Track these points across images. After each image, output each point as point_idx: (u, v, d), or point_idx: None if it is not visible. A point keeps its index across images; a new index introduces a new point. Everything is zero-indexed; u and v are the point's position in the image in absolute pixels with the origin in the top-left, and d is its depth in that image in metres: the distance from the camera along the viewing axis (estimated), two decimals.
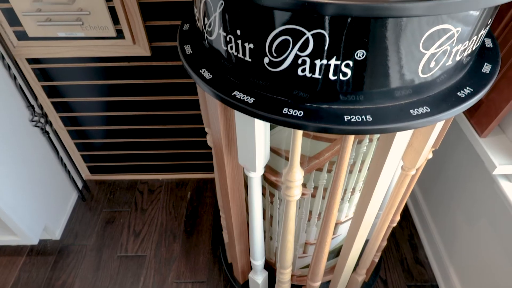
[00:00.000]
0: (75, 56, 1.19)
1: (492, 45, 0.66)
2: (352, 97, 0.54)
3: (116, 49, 1.18)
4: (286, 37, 0.48)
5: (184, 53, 0.67)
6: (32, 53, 1.18)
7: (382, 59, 0.49)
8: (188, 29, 0.74)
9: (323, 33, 0.46)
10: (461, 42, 0.50)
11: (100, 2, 1.05)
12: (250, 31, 0.51)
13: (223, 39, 0.56)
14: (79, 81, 1.30)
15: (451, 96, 0.56)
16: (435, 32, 0.46)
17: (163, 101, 1.38)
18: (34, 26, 1.10)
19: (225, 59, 0.59)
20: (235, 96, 0.57)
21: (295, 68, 0.52)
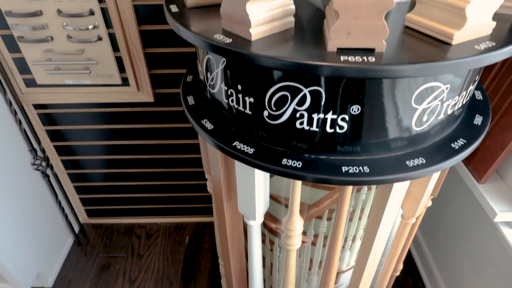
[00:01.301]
0: (80, 102, 1.23)
1: (482, 97, 0.69)
2: (349, 148, 0.56)
3: (120, 96, 1.22)
4: (285, 93, 0.51)
5: (187, 104, 0.69)
6: (39, 99, 1.22)
7: (377, 114, 0.51)
8: (191, 81, 0.77)
9: (319, 90, 0.49)
10: (451, 97, 0.53)
11: (108, 52, 1.10)
12: (250, 87, 0.54)
13: (224, 92, 0.59)
14: (82, 125, 1.33)
15: (445, 148, 0.57)
16: (426, 89, 0.49)
17: (163, 145, 1.40)
18: (43, 74, 1.15)
19: (226, 110, 0.62)
20: (235, 146, 0.59)
21: (293, 121, 0.54)
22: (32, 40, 1.06)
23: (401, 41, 0.47)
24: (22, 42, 1.06)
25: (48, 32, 1.05)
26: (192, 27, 0.52)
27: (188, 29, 0.51)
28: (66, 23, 1.03)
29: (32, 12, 1.00)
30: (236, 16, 0.48)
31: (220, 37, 0.49)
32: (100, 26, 1.05)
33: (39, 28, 1.03)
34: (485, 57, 0.43)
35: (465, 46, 0.44)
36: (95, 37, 1.06)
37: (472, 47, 0.44)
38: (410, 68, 0.41)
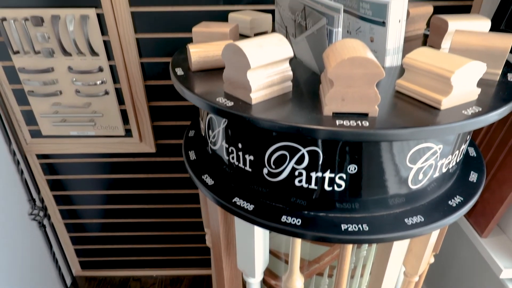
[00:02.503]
0: (84, 152, 1.25)
1: (476, 154, 0.71)
2: (348, 205, 0.56)
3: (123, 146, 1.24)
4: (284, 152, 0.53)
5: (189, 159, 0.71)
6: (43, 149, 1.24)
7: (373, 173, 0.52)
8: (193, 136, 0.80)
9: (317, 150, 0.50)
10: (444, 156, 0.55)
11: (113, 105, 1.14)
12: (251, 145, 0.56)
13: (225, 149, 0.61)
14: (84, 175, 1.34)
15: (442, 205, 0.58)
16: (419, 150, 0.51)
17: (162, 194, 1.40)
18: (49, 126, 1.18)
19: (227, 166, 0.63)
20: (235, 202, 0.60)
21: (292, 179, 0.55)
22: (42, 94, 1.10)
23: (393, 105, 0.50)
24: (32, 96, 1.11)
25: (58, 87, 1.10)
26: (196, 90, 0.55)
27: (193, 92, 0.54)
28: (75, 79, 1.08)
29: (44, 69, 1.06)
30: (237, 81, 0.51)
31: (222, 100, 0.52)
32: (108, 82, 1.10)
33: (50, 83, 1.09)
34: (473, 122, 0.45)
35: (453, 111, 0.47)
36: (102, 92, 1.11)
37: (460, 112, 0.47)
38: (402, 132, 0.43)
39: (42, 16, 0.98)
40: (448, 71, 0.45)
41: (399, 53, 0.63)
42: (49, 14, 0.98)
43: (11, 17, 0.98)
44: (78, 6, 0.98)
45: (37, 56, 1.04)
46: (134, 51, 1.06)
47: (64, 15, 0.98)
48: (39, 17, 0.98)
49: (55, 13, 0.98)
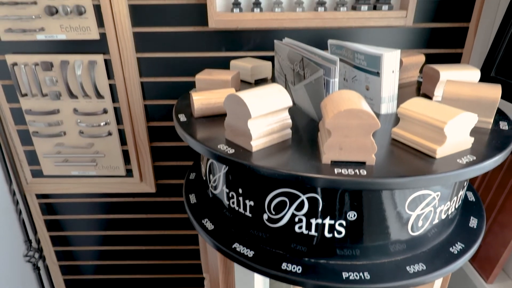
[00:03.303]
0: (84, 192, 1.25)
1: (475, 199, 0.71)
2: (348, 251, 0.56)
3: (123, 186, 1.24)
4: (283, 198, 0.53)
5: (189, 203, 0.71)
6: (43, 189, 1.25)
7: (373, 220, 0.52)
8: (194, 178, 0.80)
9: (316, 197, 0.51)
10: (443, 203, 0.55)
11: (115, 146, 1.16)
12: (251, 191, 0.56)
13: (226, 194, 0.61)
14: (82, 215, 1.33)
15: (444, 252, 0.58)
16: (417, 197, 0.52)
17: (162, 235, 1.38)
18: (51, 166, 1.19)
19: (227, 210, 0.63)
20: (235, 249, 0.59)
21: (292, 225, 0.55)
22: (46, 135, 1.12)
23: (390, 152, 0.52)
24: (36, 137, 1.13)
25: (62, 128, 1.12)
26: (198, 137, 0.57)
27: (195, 139, 0.56)
28: (80, 120, 1.11)
29: (50, 111, 1.09)
30: (239, 129, 0.53)
31: (223, 148, 0.53)
32: (111, 123, 1.13)
33: (54, 125, 1.11)
34: (468, 171, 0.46)
35: (449, 160, 0.48)
36: (105, 133, 1.13)
37: (455, 161, 0.48)
38: (400, 181, 0.44)
39: (51, 61, 1.03)
40: (441, 122, 0.47)
41: (394, 101, 0.65)
42: (58, 60, 1.02)
43: (22, 62, 1.02)
44: (87, 52, 1.03)
45: (44, 98, 1.08)
46: (138, 94, 1.09)
47: (73, 61, 1.02)
48: (49, 62, 1.02)
49: (64, 58, 1.02)
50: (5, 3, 0.94)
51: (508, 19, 0.86)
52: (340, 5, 0.94)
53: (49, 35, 0.99)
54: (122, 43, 1.01)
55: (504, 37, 0.87)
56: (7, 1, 0.94)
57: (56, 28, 0.98)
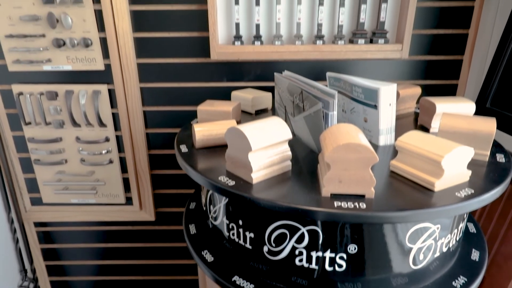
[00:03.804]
0: (82, 220, 1.24)
1: (476, 230, 0.71)
2: (350, 285, 0.55)
3: (123, 214, 1.24)
4: (284, 231, 0.53)
5: (189, 233, 0.71)
6: (41, 217, 1.24)
7: (374, 253, 0.52)
8: (194, 208, 0.80)
9: (317, 229, 0.51)
10: (443, 236, 0.55)
11: (116, 174, 1.17)
12: (251, 223, 0.56)
13: (226, 226, 0.61)
14: (80, 243, 1.31)
15: (447, 286, 0.57)
16: (418, 230, 0.52)
17: (160, 265, 1.35)
18: (50, 194, 1.19)
19: (227, 241, 0.63)
20: (235, 282, 0.58)
21: (292, 257, 0.55)
22: (48, 162, 1.13)
23: (389, 184, 0.52)
24: (38, 165, 1.14)
25: (64, 156, 1.13)
26: (199, 168, 0.58)
27: (196, 171, 0.57)
28: (82, 148, 1.12)
29: (53, 139, 1.10)
30: (239, 161, 0.53)
31: (224, 179, 0.54)
32: (113, 151, 1.14)
33: (56, 152, 1.12)
34: (467, 204, 0.46)
35: (447, 193, 0.48)
36: (106, 161, 1.14)
37: (453, 194, 0.48)
38: (399, 215, 0.45)
39: (57, 91, 1.05)
40: (438, 156, 0.48)
41: (392, 133, 0.67)
42: (63, 89, 1.05)
43: (27, 91, 1.04)
44: (92, 82, 1.06)
45: (48, 127, 1.09)
46: (140, 122, 1.11)
47: (77, 90, 1.05)
48: (54, 92, 1.05)
49: (69, 88, 1.05)
50: (15, 36, 0.97)
51: (501, 52, 0.89)
52: (338, 38, 0.98)
53: (55, 66, 1.02)
54: (126, 74, 1.04)
55: (497, 70, 0.90)
56: (17, 34, 0.97)
57: (63, 59, 1.01)
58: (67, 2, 0.94)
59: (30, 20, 0.96)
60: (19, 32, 0.97)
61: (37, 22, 0.97)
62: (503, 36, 0.88)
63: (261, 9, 0.98)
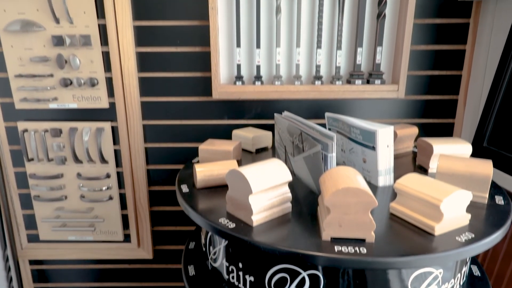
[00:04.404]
0: (79, 258, 1.22)
1: (480, 273, 0.69)
2: None
3: (120, 252, 1.21)
4: (284, 275, 0.53)
5: (187, 275, 0.70)
6: (37, 255, 1.21)
7: None
8: (193, 248, 0.79)
9: (318, 274, 0.50)
10: (446, 280, 0.54)
11: (115, 210, 1.16)
12: (251, 266, 0.56)
13: (225, 268, 0.60)
14: (75, 282, 1.28)
15: None
16: (420, 274, 0.51)
17: None
18: (48, 230, 1.18)
19: (227, 284, 0.62)
20: None
21: None
22: (47, 199, 1.13)
23: (389, 227, 0.52)
24: (37, 201, 1.13)
25: (64, 192, 1.13)
26: (200, 209, 0.58)
27: (196, 212, 0.57)
28: (82, 185, 1.12)
29: (54, 175, 1.11)
30: (240, 203, 0.54)
31: (224, 221, 0.54)
32: (113, 187, 1.14)
33: (57, 189, 1.12)
34: (468, 249, 0.46)
35: (447, 237, 0.48)
36: (106, 197, 1.14)
37: (453, 238, 0.48)
38: (399, 261, 0.44)
39: (61, 128, 1.07)
40: (437, 200, 0.48)
41: (391, 173, 0.67)
42: (67, 127, 1.07)
43: (32, 128, 1.06)
44: (96, 120, 1.08)
45: (50, 163, 1.10)
46: (142, 159, 1.12)
47: (81, 128, 1.07)
48: (58, 129, 1.06)
49: (73, 125, 1.07)
50: (24, 75, 1.01)
51: (494, 92, 0.92)
52: (336, 79, 1.01)
53: (61, 104, 1.04)
54: (130, 112, 1.07)
55: (491, 110, 0.92)
56: (26, 74, 1.01)
57: (69, 97, 1.04)
58: (77, 44, 0.98)
59: (40, 61, 1.00)
60: (28, 72, 1.01)
61: (46, 63, 1.00)
62: (495, 77, 0.91)
63: (262, 51, 1.03)
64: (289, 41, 1.02)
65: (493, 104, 0.92)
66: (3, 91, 1.05)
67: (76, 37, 0.97)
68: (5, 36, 0.98)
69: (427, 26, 1.00)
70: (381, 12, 0.96)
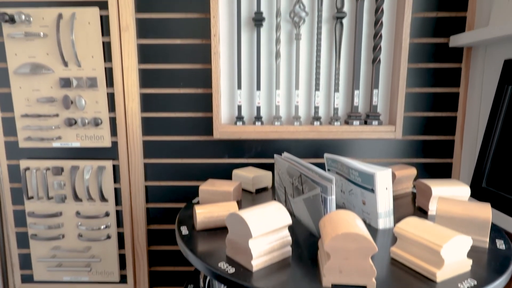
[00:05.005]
0: None
1: None
2: None
3: None
4: None
5: None
6: None
7: None
8: None
9: None
10: None
11: (113, 250, 1.14)
12: None
13: None
14: None
15: None
16: None
17: None
18: (43, 271, 1.15)
19: None
20: None
21: None
22: (44, 237, 1.11)
23: (390, 273, 0.51)
24: (34, 240, 1.12)
25: (62, 230, 1.12)
26: (199, 252, 0.57)
27: (196, 255, 0.56)
28: (81, 223, 1.11)
29: (53, 213, 1.10)
30: (240, 247, 0.54)
31: (224, 266, 0.53)
32: (112, 226, 1.13)
33: (55, 227, 1.11)
34: None
35: (449, 284, 0.48)
36: (104, 236, 1.12)
37: (456, 285, 0.48)
38: None
39: (63, 166, 1.08)
40: (437, 245, 0.48)
41: (391, 216, 0.67)
42: (69, 165, 1.08)
43: (34, 167, 1.07)
44: (97, 158, 1.09)
45: (49, 201, 1.10)
46: (142, 197, 1.12)
47: (83, 166, 1.08)
48: (60, 167, 1.07)
49: (75, 164, 1.08)
50: (30, 115, 1.03)
51: (489, 134, 0.94)
52: (334, 120, 1.03)
53: (64, 143, 1.06)
54: (132, 150, 1.08)
55: (488, 152, 0.94)
56: (32, 114, 1.04)
57: (72, 136, 1.06)
58: (83, 86, 1.02)
59: (46, 102, 1.03)
60: (34, 112, 1.04)
61: (52, 103, 1.03)
62: (489, 119, 0.93)
63: (262, 93, 1.06)
64: (288, 84, 1.06)
65: (488, 146, 0.94)
66: (9, 130, 1.08)
67: (83, 79, 1.01)
68: (14, 78, 1.02)
69: (421, 70, 1.04)
70: (376, 57, 1.00)
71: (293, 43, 1.04)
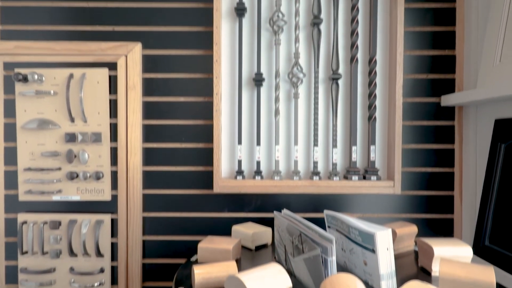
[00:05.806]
0: None
1: None
2: None
3: None
4: None
5: None
6: None
7: None
8: None
9: None
10: None
11: None
12: None
13: None
14: None
15: None
16: None
17: None
18: None
19: None
20: None
21: None
22: None
23: None
24: None
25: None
26: None
27: None
28: (74, 280, 1.08)
29: (46, 270, 1.07)
30: None
31: None
32: (106, 283, 1.09)
33: (46, 285, 1.07)
34: None
35: None
36: None
37: None
38: None
39: (60, 220, 1.07)
40: None
41: (393, 278, 0.66)
42: (67, 219, 1.07)
43: (32, 220, 1.06)
44: (96, 212, 1.09)
45: (43, 256, 1.07)
46: (138, 253, 1.09)
47: (81, 220, 1.07)
48: (58, 221, 1.06)
49: (73, 218, 1.07)
50: (33, 169, 1.05)
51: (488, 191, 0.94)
52: (333, 175, 1.05)
53: (64, 196, 1.06)
54: (131, 204, 1.08)
55: (488, 208, 0.94)
56: (35, 167, 1.05)
57: (73, 190, 1.06)
58: (87, 140, 1.04)
59: (50, 156, 1.05)
60: (37, 166, 1.05)
61: (56, 157, 1.05)
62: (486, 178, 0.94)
63: (262, 148, 1.09)
64: (288, 139, 1.09)
65: (488, 204, 0.94)
66: (10, 183, 1.08)
67: (88, 134, 1.04)
68: (21, 133, 1.05)
69: (416, 127, 1.08)
70: (372, 115, 1.04)
71: (292, 101, 1.09)
